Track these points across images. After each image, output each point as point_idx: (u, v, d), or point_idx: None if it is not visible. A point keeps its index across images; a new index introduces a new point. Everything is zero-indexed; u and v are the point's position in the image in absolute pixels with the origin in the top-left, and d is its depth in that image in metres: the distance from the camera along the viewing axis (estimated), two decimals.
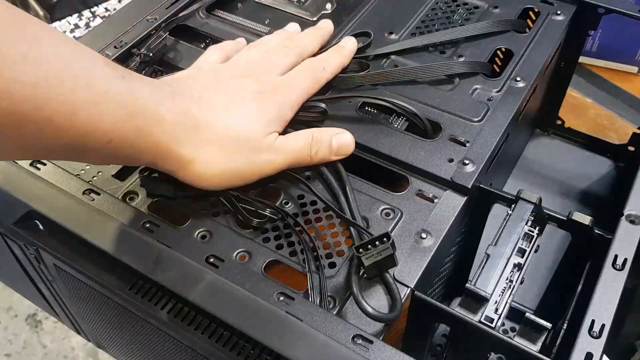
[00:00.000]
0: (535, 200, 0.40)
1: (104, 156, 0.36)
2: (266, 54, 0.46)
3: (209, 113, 0.39)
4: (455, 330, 0.37)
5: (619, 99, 0.77)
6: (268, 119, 0.41)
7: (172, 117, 0.37)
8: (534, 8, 0.56)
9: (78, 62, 0.33)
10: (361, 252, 0.35)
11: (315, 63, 0.47)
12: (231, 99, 0.41)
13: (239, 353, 0.35)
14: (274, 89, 0.43)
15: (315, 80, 0.45)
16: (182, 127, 0.38)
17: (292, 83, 0.44)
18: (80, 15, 1.14)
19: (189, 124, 0.38)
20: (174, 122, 0.37)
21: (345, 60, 0.48)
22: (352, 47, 0.49)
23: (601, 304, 0.35)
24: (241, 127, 0.40)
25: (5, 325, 1.17)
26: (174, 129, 0.37)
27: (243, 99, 0.41)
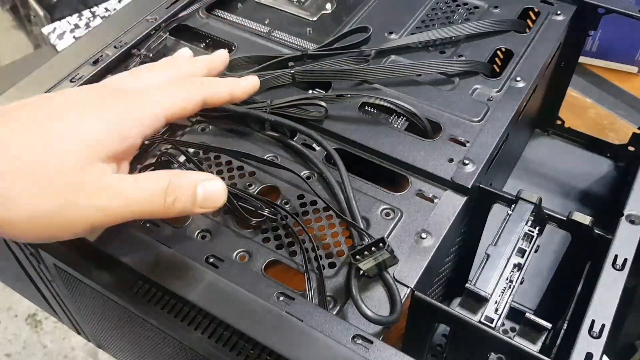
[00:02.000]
0: (535, 200, 0.40)
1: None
2: (135, 69, 0.38)
3: (3, 135, 0.29)
4: (455, 330, 0.37)
5: (619, 99, 0.77)
6: (92, 138, 0.30)
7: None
8: (534, 8, 0.56)
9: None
10: (358, 258, 0.35)
11: (191, 78, 0.38)
12: (41, 116, 0.31)
13: (239, 353, 0.35)
14: (114, 97, 0.33)
15: (185, 93, 0.35)
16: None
17: (148, 94, 0.34)
18: (80, 15, 1.14)
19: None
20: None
21: (236, 90, 0.39)
22: (252, 84, 0.41)
23: (601, 304, 0.35)
24: (47, 152, 0.29)
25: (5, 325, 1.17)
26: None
27: (57, 114, 0.31)
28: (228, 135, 0.46)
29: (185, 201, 0.33)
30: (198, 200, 0.33)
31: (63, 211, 0.30)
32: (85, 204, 0.30)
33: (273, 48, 0.53)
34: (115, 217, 0.31)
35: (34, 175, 0.29)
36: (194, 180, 0.33)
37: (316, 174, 0.43)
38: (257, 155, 0.44)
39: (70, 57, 0.50)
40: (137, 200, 0.31)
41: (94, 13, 1.14)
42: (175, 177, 0.32)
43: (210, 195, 0.33)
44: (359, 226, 0.38)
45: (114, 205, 0.30)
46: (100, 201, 0.30)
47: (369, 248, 0.35)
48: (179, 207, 0.32)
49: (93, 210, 0.30)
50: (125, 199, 0.31)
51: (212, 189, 0.34)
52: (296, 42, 0.54)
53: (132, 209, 0.31)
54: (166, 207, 0.32)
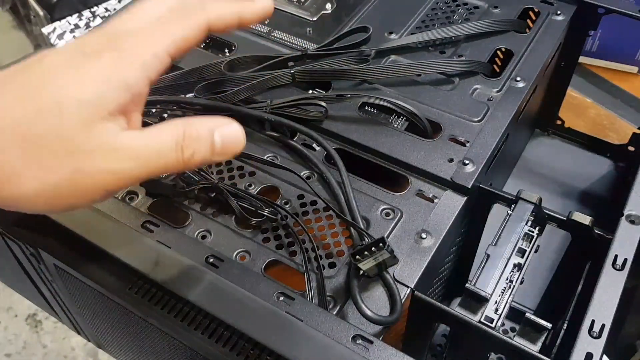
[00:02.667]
0: (535, 200, 0.40)
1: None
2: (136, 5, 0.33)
3: None
4: (455, 330, 0.37)
5: (619, 99, 0.77)
6: (90, 94, 0.27)
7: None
8: (534, 8, 0.56)
9: None
10: (358, 258, 0.35)
11: (190, 2, 0.33)
12: (35, 76, 0.28)
13: (239, 353, 0.35)
14: (112, 42, 0.29)
15: (187, 24, 0.32)
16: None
17: (144, 33, 0.30)
18: (80, 15, 1.14)
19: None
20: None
21: (244, 11, 0.35)
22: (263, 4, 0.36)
23: (601, 304, 0.35)
24: (44, 116, 0.27)
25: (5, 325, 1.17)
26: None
27: (51, 72, 0.28)
28: None
29: (204, 152, 0.30)
30: (217, 148, 0.30)
31: (73, 179, 0.27)
32: (96, 169, 0.27)
33: (273, 48, 0.53)
34: (131, 179, 0.29)
35: (35, 146, 0.27)
36: (209, 127, 0.30)
37: (316, 174, 0.43)
38: (257, 155, 0.44)
39: None
40: (151, 158, 0.29)
41: (94, 13, 1.14)
42: (189, 127, 0.30)
43: (229, 142, 0.31)
44: (359, 226, 0.38)
45: (127, 167, 0.28)
46: (111, 164, 0.28)
47: (369, 248, 0.35)
48: (197, 159, 0.30)
49: (105, 175, 0.28)
50: (137, 158, 0.28)
51: (230, 134, 0.31)
52: (296, 42, 0.54)
53: (148, 169, 0.29)
54: (184, 162, 0.29)
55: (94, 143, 0.27)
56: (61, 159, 0.27)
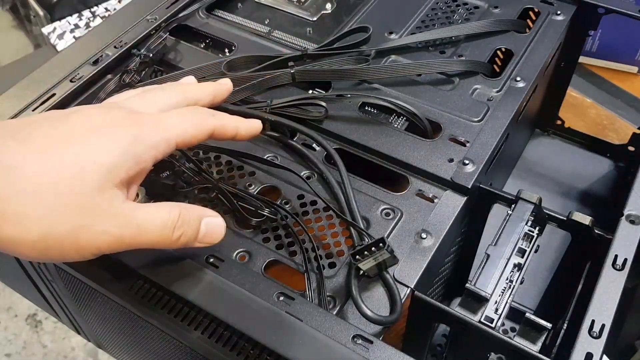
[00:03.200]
0: (535, 200, 0.40)
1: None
2: (144, 91, 0.38)
3: (18, 156, 0.29)
4: (455, 330, 0.37)
5: (619, 99, 0.77)
6: (109, 161, 0.30)
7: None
8: (534, 8, 0.56)
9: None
10: (358, 258, 0.35)
11: (203, 108, 0.38)
12: (56, 137, 0.31)
13: (239, 353, 0.35)
14: (130, 120, 0.33)
15: (199, 124, 0.35)
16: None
17: (162, 120, 0.34)
18: (80, 15, 1.14)
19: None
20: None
21: (241, 129, 0.38)
22: (255, 126, 0.39)
23: (601, 304, 0.35)
24: (64, 174, 0.29)
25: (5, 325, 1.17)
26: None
27: (73, 135, 0.31)
28: None
29: (189, 236, 0.34)
30: (200, 235, 0.34)
31: (75, 234, 0.30)
32: (97, 229, 0.30)
33: (273, 48, 0.53)
34: (124, 244, 0.31)
35: (49, 196, 0.29)
36: (199, 216, 0.34)
37: (316, 174, 0.43)
38: (257, 155, 0.44)
39: (70, 57, 0.50)
40: (148, 231, 0.32)
41: (94, 13, 1.14)
42: (185, 211, 0.33)
43: (211, 232, 0.35)
44: (359, 226, 0.38)
45: (125, 233, 0.31)
46: (112, 228, 0.30)
47: (369, 248, 0.35)
48: (183, 241, 0.33)
49: (104, 236, 0.30)
50: (136, 228, 0.31)
51: (214, 226, 0.35)
52: (296, 42, 0.54)
53: (141, 239, 0.31)
54: (172, 241, 0.33)
55: (104, 206, 0.30)
56: (72, 213, 0.29)
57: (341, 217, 0.39)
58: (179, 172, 0.41)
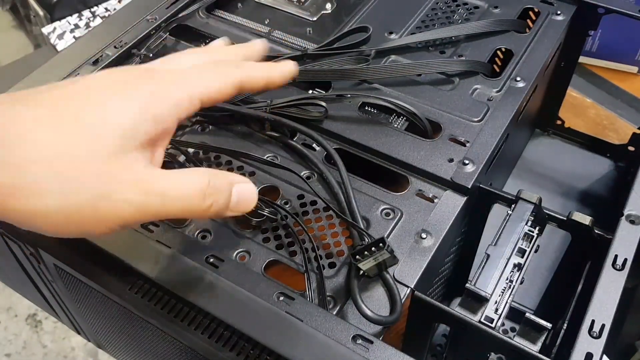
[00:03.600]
0: (535, 200, 0.40)
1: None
2: (170, 55, 0.35)
3: (28, 122, 0.27)
4: (455, 330, 0.37)
5: (619, 99, 0.77)
6: (127, 123, 0.28)
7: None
8: (534, 8, 0.56)
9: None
10: (358, 258, 0.35)
11: (227, 59, 0.36)
12: (69, 99, 0.28)
13: (239, 353, 0.35)
14: (146, 76, 0.30)
15: (221, 75, 0.33)
16: None
17: (182, 74, 0.32)
18: (80, 15, 1.14)
19: (1, 137, 0.27)
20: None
21: (273, 74, 0.36)
22: (288, 68, 0.38)
23: (601, 304, 0.35)
24: (77, 137, 0.27)
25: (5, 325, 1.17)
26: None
27: (87, 96, 0.29)
28: (228, 135, 0.46)
29: (221, 204, 0.31)
30: (232, 203, 0.31)
31: (96, 204, 0.27)
32: (119, 198, 0.27)
33: (273, 48, 0.53)
34: (150, 214, 0.29)
35: (64, 164, 0.27)
36: (230, 182, 0.31)
37: (316, 174, 0.43)
38: (257, 155, 0.44)
39: (70, 57, 0.50)
40: (174, 199, 0.29)
41: (94, 13, 1.14)
42: (214, 177, 0.30)
43: (244, 199, 0.32)
44: (359, 226, 0.38)
45: (149, 202, 0.28)
46: (134, 196, 0.28)
47: (369, 248, 0.35)
48: (214, 210, 0.30)
49: (126, 206, 0.28)
50: (161, 196, 0.28)
51: (246, 193, 0.32)
52: (296, 42, 0.54)
53: (168, 208, 0.29)
54: (204, 210, 0.30)
55: (124, 172, 0.27)
56: (89, 181, 0.27)
57: (341, 217, 0.39)
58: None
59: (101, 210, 0.27)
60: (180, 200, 0.29)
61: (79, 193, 0.27)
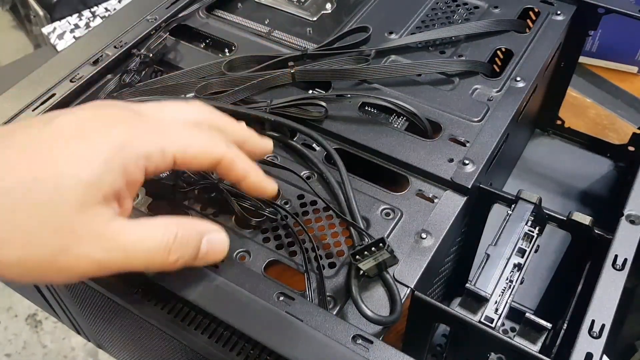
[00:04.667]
0: (535, 200, 0.40)
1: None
2: (173, 103, 0.33)
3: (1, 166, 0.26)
4: (455, 330, 0.37)
5: (619, 99, 0.77)
6: (93, 174, 0.27)
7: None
8: (534, 8, 0.56)
9: None
10: (358, 258, 0.35)
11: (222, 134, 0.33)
12: (37, 142, 0.27)
13: (239, 353, 0.35)
14: (124, 123, 0.28)
15: (207, 146, 0.31)
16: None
17: (164, 126, 0.30)
18: (80, 15, 1.14)
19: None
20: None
21: (250, 176, 0.34)
22: (272, 188, 0.36)
23: (601, 304, 0.35)
24: (41, 187, 0.26)
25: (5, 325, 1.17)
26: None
27: (58, 141, 0.27)
28: None
29: (188, 258, 0.30)
30: (200, 254, 0.31)
31: (56, 257, 0.27)
32: (80, 253, 0.27)
33: (273, 48, 0.53)
34: (111, 269, 0.28)
35: (27, 216, 0.26)
36: (199, 233, 0.30)
37: (316, 174, 0.43)
38: None
39: (70, 57, 0.50)
40: (137, 254, 0.28)
41: (94, 13, 1.14)
42: (182, 229, 0.29)
43: (213, 251, 0.31)
44: (359, 226, 0.38)
45: (111, 257, 0.27)
46: (95, 252, 0.27)
47: (369, 248, 0.35)
48: (181, 263, 0.30)
49: (88, 261, 0.27)
50: (124, 252, 0.28)
51: (217, 243, 0.31)
52: (296, 42, 0.54)
53: (131, 263, 0.28)
54: (168, 264, 0.29)
55: (86, 227, 0.27)
56: (50, 235, 0.26)
57: (341, 217, 0.39)
58: (179, 172, 0.41)
59: (62, 264, 0.27)
60: (143, 256, 0.28)
61: (39, 247, 0.26)
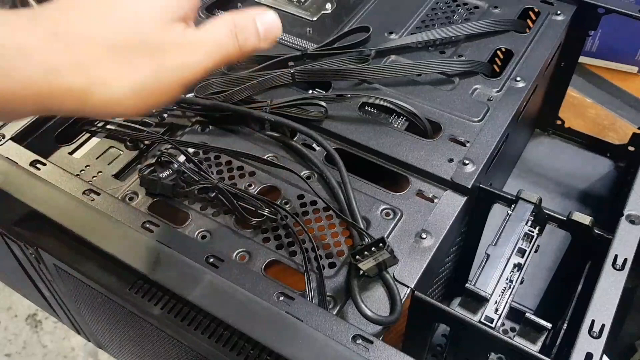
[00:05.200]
0: (535, 200, 0.40)
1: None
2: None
3: (80, 24, 0.31)
4: (455, 330, 0.37)
5: (619, 99, 0.77)
6: (160, 4, 0.33)
7: (35, 44, 0.30)
8: (534, 8, 0.56)
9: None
10: (358, 258, 0.35)
11: None
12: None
13: (239, 353, 0.35)
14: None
15: None
16: (52, 52, 0.30)
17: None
18: None
19: (59, 46, 0.30)
20: (38, 49, 0.30)
21: None
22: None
23: (601, 304, 0.35)
24: (125, 26, 0.31)
25: (5, 325, 1.17)
26: (43, 58, 0.30)
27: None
28: (228, 135, 0.46)
29: (253, 38, 0.34)
30: (261, 34, 0.35)
31: (157, 76, 0.32)
32: (175, 64, 0.32)
33: (273, 48, 0.53)
34: (201, 69, 0.33)
35: (122, 51, 0.31)
36: (252, 17, 0.34)
37: (316, 174, 0.43)
38: (257, 155, 0.44)
39: None
40: (215, 47, 0.33)
41: None
42: (238, 17, 0.34)
43: (270, 27, 0.35)
44: (359, 226, 0.38)
45: (197, 58, 0.32)
46: (186, 58, 0.32)
47: (369, 248, 0.35)
48: (250, 44, 0.34)
49: (180, 68, 0.32)
50: (204, 49, 0.33)
51: (269, 20, 0.35)
52: (296, 42, 0.54)
53: (214, 58, 0.33)
54: (240, 48, 0.34)
55: (170, 42, 0.32)
56: (145, 59, 0.31)
57: (341, 217, 0.39)
58: (179, 172, 0.41)
59: (163, 80, 0.32)
60: (219, 47, 0.33)
61: (140, 72, 0.31)
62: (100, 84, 0.31)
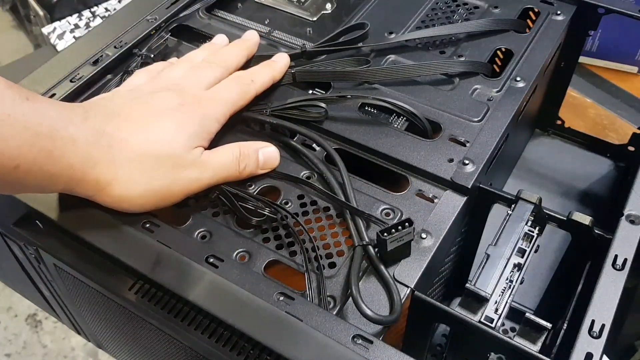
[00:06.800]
0: (535, 200, 0.40)
1: (13, 183, 0.34)
2: (190, 70, 0.45)
3: (124, 130, 0.38)
4: (455, 330, 0.37)
5: (619, 99, 0.77)
6: (190, 132, 0.40)
7: (84, 137, 0.36)
8: (534, 8, 0.56)
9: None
10: (386, 235, 0.35)
11: (243, 76, 0.46)
12: (149, 114, 0.39)
13: (239, 353, 0.35)
14: (197, 102, 0.42)
15: (243, 92, 0.44)
16: (96, 147, 0.36)
17: (216, 96, 0.43)
18: (80, 15, 1.14)
19: (103, 143, 0.37)
20: (86, 142, 0.36)
21: (276, 74, 0.47)
22: (284, 62, 0.48)
23: (601, 304, 0.35)
24: (161, 142, 0.38)
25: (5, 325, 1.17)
26: (87, 150, 0.36)
27: (162, 113, 0.40)
28: (228, 135, 0.46)
29: (252, 166, 0.42)
30: (260, 164, 0.42)
31: (169, 186, 0.39)
32: (187, 179, 0.39)
33: (273, 48, 0.53)
34: (205, 184, 0.40)
35: (149, 161, 0.38)
36: (255, 148, 0.42)
37: (316, 174, 0.43)
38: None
39: (70, 57, 0.50)
40: (220, 169, 0.40)
41: (94, 13, 1.15)
42: (243, 147, 0.42)
43: (269, 159, 0.43)
44: (366, 213, 0.39)
45: (205, 176, 0.40)
46: (195, 174, 0.39)
47: (396, 227, 0.35)
48: (248, 171, 0.42)
49: (190, 182, 0.39)
50: (212, 170, 0.40)
51: (269, 153, 0.43)
52: (296, 42, 0.54)
53: (217, 177, 0.40)
54: (240, 172, 0.41)
55: (190, 161, 0.39)
56: (166, 171, 0.38)
57: (347, 206, 0.39)
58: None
59: (173, 189, 0.39)
60: (223, 170, 0.41)
61: (158, 180, 0.38)
62: (123, 182, 0.37)
